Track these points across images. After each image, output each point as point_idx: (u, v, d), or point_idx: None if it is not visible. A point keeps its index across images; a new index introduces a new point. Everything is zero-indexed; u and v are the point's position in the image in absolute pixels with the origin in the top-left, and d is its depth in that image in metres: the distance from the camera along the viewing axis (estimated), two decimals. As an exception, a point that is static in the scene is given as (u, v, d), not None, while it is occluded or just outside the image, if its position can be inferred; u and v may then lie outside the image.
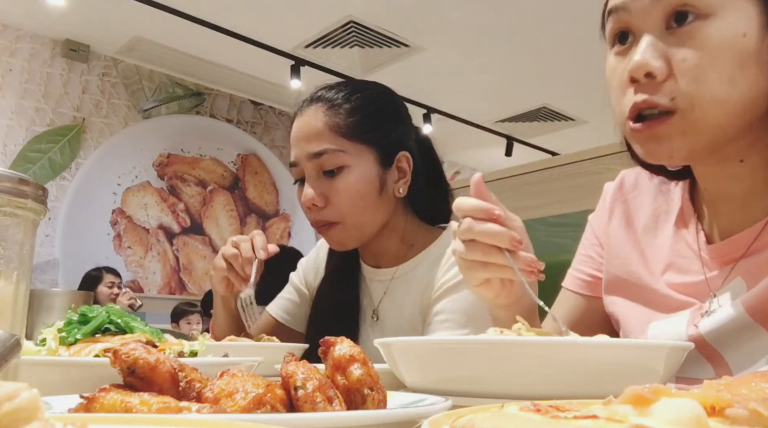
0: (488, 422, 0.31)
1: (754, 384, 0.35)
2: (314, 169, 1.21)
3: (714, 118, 0.71)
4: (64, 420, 0.27)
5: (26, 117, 4.88)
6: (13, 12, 4.67)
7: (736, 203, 0.81)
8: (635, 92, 0.73)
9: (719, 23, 0.69)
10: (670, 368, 0.61)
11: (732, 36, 0.69)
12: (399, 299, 1.26)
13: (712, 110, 0.70)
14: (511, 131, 6.59)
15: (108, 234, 5.20)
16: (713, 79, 0.69)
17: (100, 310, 0.81)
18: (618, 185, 1.00)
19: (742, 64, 0.69)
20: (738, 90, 0.70)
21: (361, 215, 1.21)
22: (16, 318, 0.50)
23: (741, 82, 0.70)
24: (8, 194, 0.48)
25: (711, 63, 0.69)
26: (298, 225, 6.18)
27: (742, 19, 0.69)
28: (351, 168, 1.19)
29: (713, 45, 0.69)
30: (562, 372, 0.56)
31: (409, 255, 1.28)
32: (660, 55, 0.70)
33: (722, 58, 0.69)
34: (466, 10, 4.44)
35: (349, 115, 1.21)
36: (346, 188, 1.19)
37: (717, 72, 0.69)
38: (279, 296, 1.48)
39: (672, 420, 0.29)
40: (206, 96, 5.87)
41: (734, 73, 0.69)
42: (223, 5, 4.43)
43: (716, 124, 0.71)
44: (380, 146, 1.23)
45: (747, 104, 0.71)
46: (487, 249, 0.76)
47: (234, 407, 0.46)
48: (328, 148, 1.19)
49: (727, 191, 0.82)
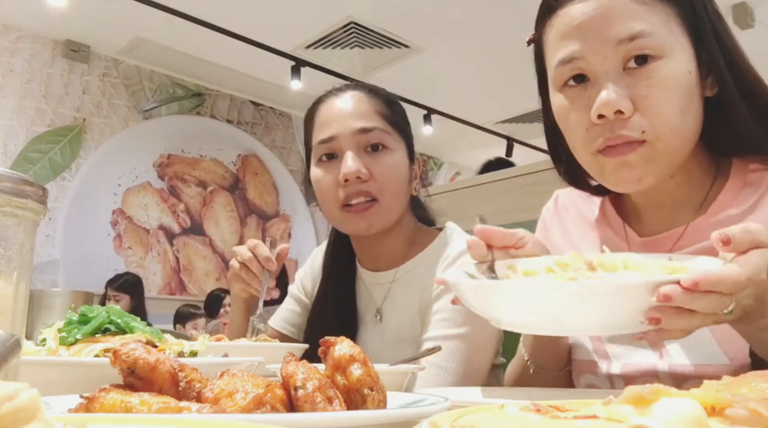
0: (488, 422, 0.31)
1: (754, 384, 0.35)
2: (359, 144, 1.23)
3: (673, 146, 0.80)
4: (64, 420, 0.27)
5: (27, 117, 4.88)
6: (14, 12, 4.67)
7: (662, 211, 0.91)
8: (603, 128, 0.80)
9: (672, 63, 0.79)
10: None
11: (682, 74, 0.79)
12: (399, 300, 1.27)
13: (672, 139, 0.80)
14: (511, 131, 6.59)
15: (108, 234, 5.20)
16: (671, 112, 0.79)
17: (100, 310, 0.82)
18: (554, 204, 1.11)
19: (689, 98, 0.80)
20: (687, 120, 0.80)
21: (395, 198, 1.24)
22: (16, 318, 0.50)
23: (689, 114, 0.80)
24: (8, 194, 0.48)
25: (668, 98, 0.78)
26: (298, 226, 6.18)
27: (686, 59, 0.80)
28: (393, 151, 1.24)
29: (669, 83, 0.79)
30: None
31: (411, 255, 1.28)
32: (625, 95, 0.78)
33: (676, 93, 0.79)
34: (467, 11, 4.44)
35: (389, 106, 1.28)
36: (391, 166, 1.23)
37: (673, 106, 0.79)
38: (280, 309, 1.48)
39: (672, 420, 0.29)
40: (207, 97, 5.87)
41: (685, 105, 0.80)
42: (224, 6, 4.43)
43: (674, 151, 0.81)
44: (409, 142, 1.30)
45: (694, 132, 0.82)
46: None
47: (234, 407, 0.46)
48: (377, 126, 1.23)
49: (655, 200, 0.91)
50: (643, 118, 0.78)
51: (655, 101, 0.78)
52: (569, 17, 0.83)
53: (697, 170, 0.89)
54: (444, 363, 1.11)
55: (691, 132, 0.82)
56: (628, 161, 0.80)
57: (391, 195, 1.23)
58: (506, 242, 0.82)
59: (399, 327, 1.25)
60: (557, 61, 0.84)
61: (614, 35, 0.78)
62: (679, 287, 0.58)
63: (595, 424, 0.30)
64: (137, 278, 4.73)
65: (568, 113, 0.85)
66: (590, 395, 0.83)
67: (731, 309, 0.61)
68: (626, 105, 0.78)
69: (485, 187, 2.44)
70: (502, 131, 6.56)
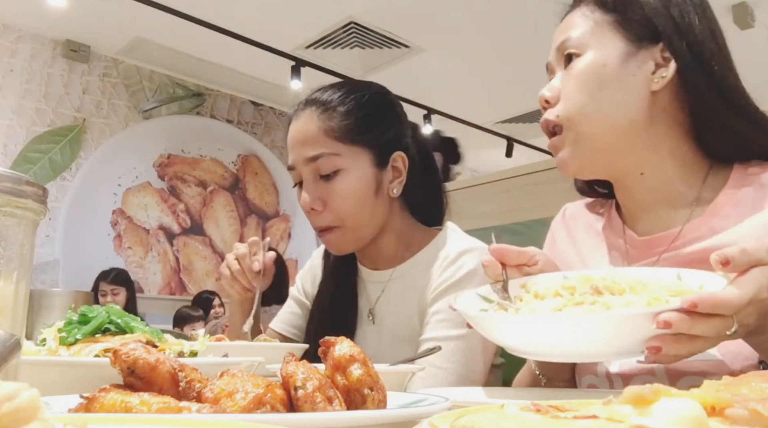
0: (488, 422, 0.31)
1: (754, 384, 0.35)
2: (311, 173, 1.21)
3: (586, 129, 0.91)
4: (64, 420, 0.27)
5: (27, 117, 4.88)
6: (14, 12, 4.67)
7: (652, 213, 0.95)
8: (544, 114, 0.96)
9: (586, 58, 0.91)
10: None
11: (595, 66, 0.90)
12: (396, 299, 1.26)
13: (584, 123, 0.91)
14: (511, 132, 6.59)
15: (108, 235, 5.20)
16: (580, 99, 0.91)
17: (100, 310, 0.82)
18: (561, 216, 1.15)
19: (601, 87, 0.90)
20: (598, 106, 0.90)
21: (358, 218, 1.21)
22: (16, 318, 0.50)
23: (603, 100, 0.90)
24: (8, 194, 0.48)
25: (578, 87, 0.91)
26: (298, 226, 6.18)
27: (604, 54, 0.90)
28: (347, 171, 1.20)
29: (580, 74, 0.91)
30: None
31: (407, 256, 1.28)
32: (553, 86, 0.94)
33: (585, 82, 0.91)
34: (466, 11, 4.44)
35: (343, 118, 1.21)
36: (343, 191, 1.19)
37: (582, 93, 0.91)
38: (281, 312, 1.49)
39: (672, 420, 0.29)
40: (207, 97, 5.87)
41: (595, 93, 0.90)
42: (224, 6, 4.43)
43: (590, 135, 0.91)
44: (375, 147, 1.23)
45: (613, 119, 0.90)
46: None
47: (234, 407, 0.46)
48: (323, 152, 1.19)
49: (641, 202, 0.96)
50: (561, 104, 0.92)
51: (570, 90, 0.92)
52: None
53: (680, 171, 0.93)
54: (444, 363, 1.11)
55: (611, 119, 0.90)
56: (554, 143, 0.95)
57: (352, 216, 1.21)
58: (520, 260, 0.85)
59: (396, 326, 1.25)
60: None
61: (560, 42, 0.95)
62: (678, 313, 0.59)
63: (595, 424, 0.30)
64: (126, 271, 4.72)
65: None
66: (590, 395, 0.84)
67: (734, 330, 0.62)
68: (548, 94, 0.94)
69: (485, 187, 2.44)
70: (502, 131, 6.56)
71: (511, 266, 0.85)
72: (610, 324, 0.63)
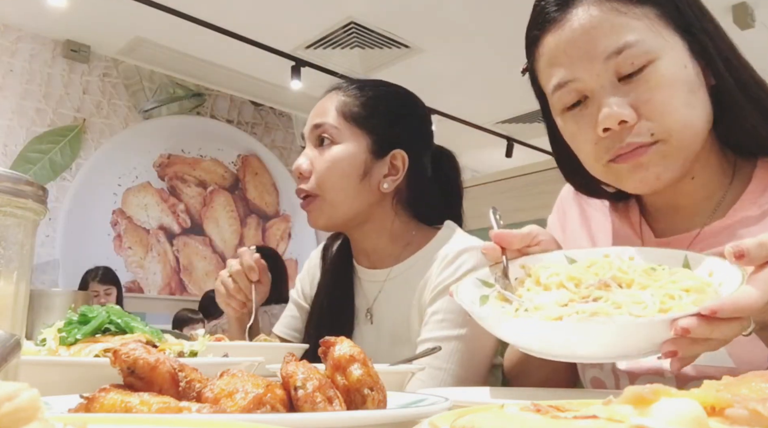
0: (488, 422, 0.31)
1: (754, 384, 0.35)
2: (312, 140, 1.29)
3: (686, 139, 0.81)
4: (64, 420, 0.27)
5: (27, 117, 4.88)
6: (14, 12, 4.67)
7: (679, 214, 0.91)
8: (612, 140, 0.82)
9: (665, 63, 0.80)
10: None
11: (678, 69, 0.81)
12: (394, 299, 1.26)
13: (684, 133, 0.81)
14: (511, 132, 6.59)
15: (108, 235, 5.20)
16: (677, 109, 0.80)
17: (100, 310, 0.82)
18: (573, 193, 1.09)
19: (691, 90, 0.81)
20: (695, 111, 0.82)
21: (336, 192, 1.24)
22: (16, 318, 0.50)
23: (696, 104, 0.82)
24: (8, 194, 0.48)
25: (671, 96, 0.80)
26: (299, 226, 6.18)
27: (679, 54, 0.82)
28: (340, 145, 1.25)
29: (667, 81, 0.80)
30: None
31: (404, 255, 1.28)
32: (626, 103, 0.80)
33: (678, 89, 0.80)
34: (466, 11, 4.44)
35: (357, 101, 1.28)
36: (330, 160, 1.24)
37: (678, 101, 0.80)
38: (283, 316, 1.49)
39: (672, 420, 0.29)
40: (207, 97, 5.87)
41: (689, 98, 0.81)
42: (224, 6, 4.43)
43: (687, 144, 0.82)
44: (376, 135, 1.27)
45: (704, 121, 0.83)
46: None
47: (234, 407, 0.46)
48: (325, 121, 1.27)
49: (674, 204, 0.92)
50: (650, 122, 0.80)
51: (659, 103, 0.79)
52: (554, 44, 0.84)
53: (717, 172, 0.89)
54: (443, 364, 1.11)
55: (701, 122, 0.82)
56: (642, 162, 0.81)
57: (332, 190, 1.24)
58: (524, 243, 0.83)
59: (394, 326, 1.25)
60: (552, 87, 0.86)
61: (601, 52, 0.80)
62: (696, 319, 0.58)
63: (595, 424, 0.30)
64: (112, 269, 4.64)
65: (575, 133, 0.87)
66: (590, 395, 0.84)
67: (751, 330, 0.61)
68: (628, 113, 0.79)
69: (485, 187, 2.45)
70: (502, 131, 6.55)
71: (513, 250, 0.83)
72: (625, 330, 0.62)
